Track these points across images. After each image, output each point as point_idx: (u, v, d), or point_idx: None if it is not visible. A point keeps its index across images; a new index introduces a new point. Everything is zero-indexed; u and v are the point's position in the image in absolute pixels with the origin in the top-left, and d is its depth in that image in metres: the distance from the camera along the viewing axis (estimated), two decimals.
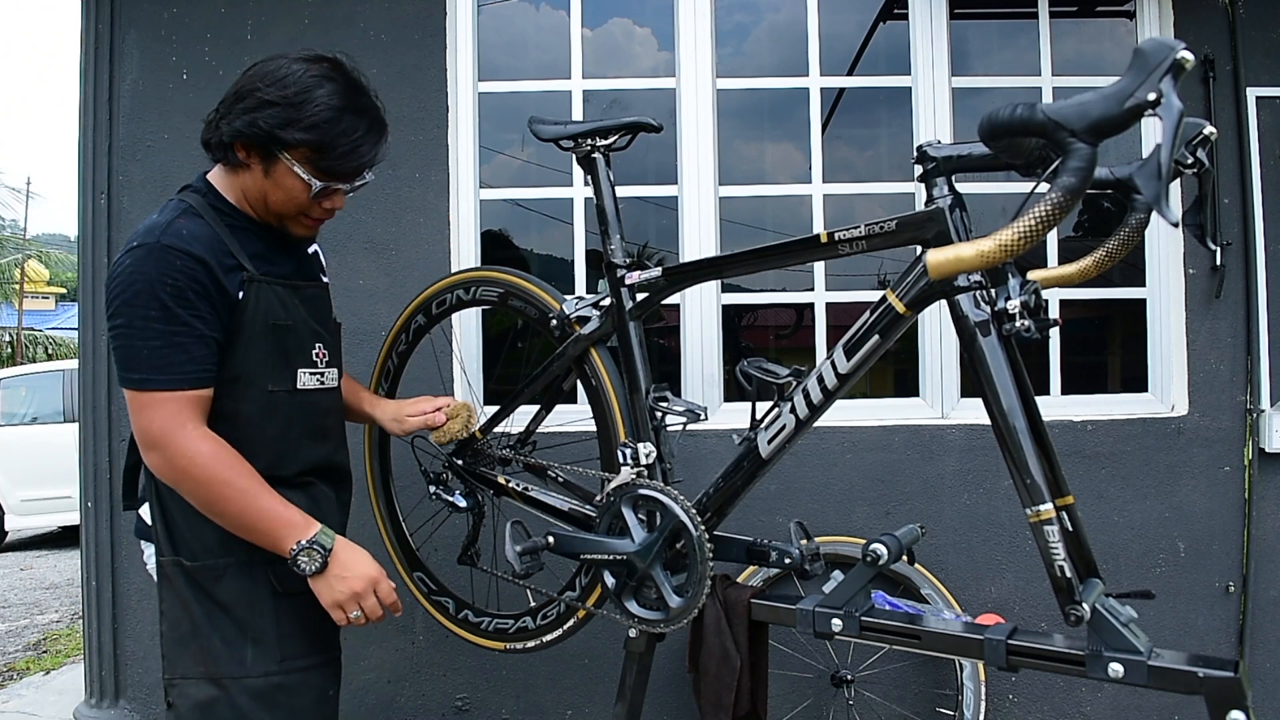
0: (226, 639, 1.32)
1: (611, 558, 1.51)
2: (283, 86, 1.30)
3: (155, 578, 1.42)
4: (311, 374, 1.44)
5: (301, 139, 1.30)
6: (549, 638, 1.75)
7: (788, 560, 1.46)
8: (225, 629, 1.32)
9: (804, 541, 1.49)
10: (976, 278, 1.25)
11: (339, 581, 1.33)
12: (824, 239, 1.38)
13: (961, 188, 1.30)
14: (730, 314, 2.66)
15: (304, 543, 1.30)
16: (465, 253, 2.51)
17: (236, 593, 1.33)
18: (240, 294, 1.33)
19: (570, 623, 1.72)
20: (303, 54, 1.35)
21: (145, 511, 1.42)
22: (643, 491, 1.51)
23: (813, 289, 2.56)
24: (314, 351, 1.45)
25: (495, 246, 2.65)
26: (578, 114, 2.55)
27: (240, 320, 1.33)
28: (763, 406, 1.48)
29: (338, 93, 1.33)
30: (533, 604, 1.80)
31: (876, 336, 1.33)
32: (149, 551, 1.46)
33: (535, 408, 1.88)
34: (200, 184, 1.39)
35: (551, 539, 1.56)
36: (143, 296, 1.25)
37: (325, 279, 1.58)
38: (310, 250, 1.55)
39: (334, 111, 1.31)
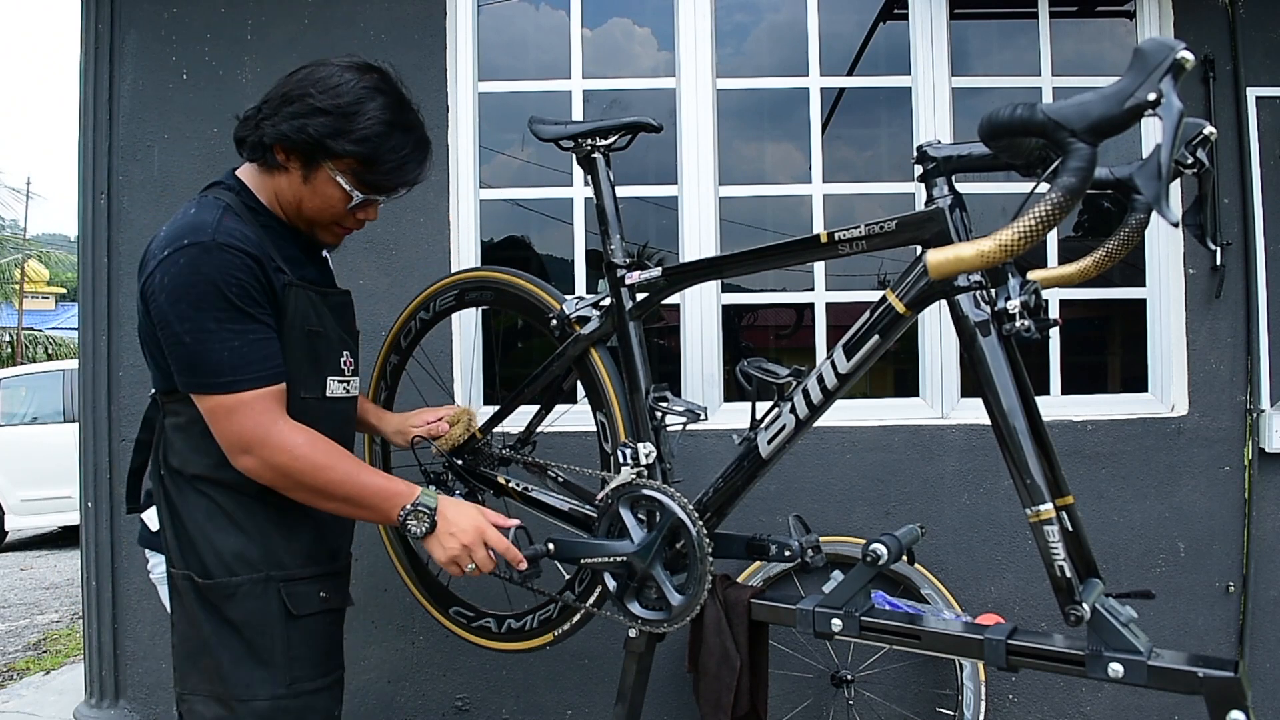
0: (235, 659, 1.29)
1: (611, 560, 1.51)
2: (336, 95, 1.28)
3: (160, 586, 1.40)
4: (339, 382, 1.43)
5: (351, 150, 1.30)
6: (567, 626, 1.74)
7: (787, 553, 1.46)
8: (234, 649, 1.29)
9: (804, 535, 1.48)
10: (976, 278, 1.25)
11: (448, 538, 1.34)
12: (824, 239, 1.38)
13: (961, 188, 1.30)
14: (730, 314, 2.66)
15: (408, 507, 1.31)
16: (465, 253, 2.51)
17: (247, 613, 1.29)
18: (281, 297, 1.31)
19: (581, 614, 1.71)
20: (353, 62, 1.34)
21: (150, 517, 1.39)
22: (642, 491, 1.51)
23: (813, 289, 2.56)
24: (342, 359, 1.44)
25: (495, 246, 2.65)
26: (578, 114, 2.55)
27: (281, 325, 1.31)
28: (763, 406, 1.48)
29: (388, 107, 1.32)
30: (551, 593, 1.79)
31: (876, 336, 1.33)
32: (154, 560, 1.42)
33: (535, 408, 1.88)
34: (232, 181, 1.36)
35: (552, 546, 1.55)
36: (209, 297, 1.21)
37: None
38: (323, 254, 1.53)
39: (385, 126, 1.31)
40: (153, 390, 1.39)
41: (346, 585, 1.46)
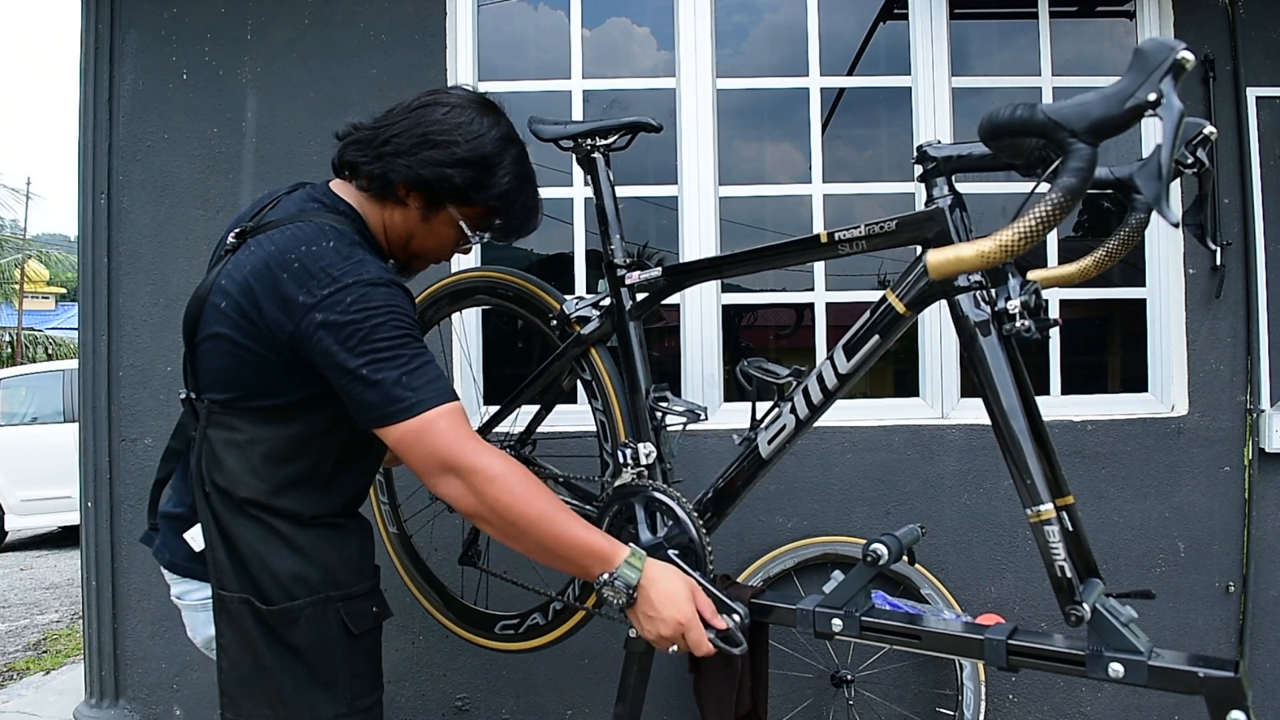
0: (297, 682, 1.25)
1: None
2: (479, 147, 1.27)
3: (189, 613, 1.34)
4: None
5: (490, 204, 1.30)
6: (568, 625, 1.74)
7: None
8: (296, 673, 1.25)
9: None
10: (976, 278, 1.25)
11: (647, 621, 1.25)
12: (824, 239, 1.37)
13: (961, 188, 1.30)
14: (730, 314, 2.66)
15: (605, 577, 1.22)
16: (470, 253, 2.50)
17: (310, 637, 1.25)
18: None
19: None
20: (476, 99, 1.32)
21: (193, 538, 1.29)
22: (643, 493, 1.51)
23: (813, 289, 2.56)
24: None
25: (495, 246, 2.65)
26: (578, 114, 2.55)
27: None
28: (763, 406, 1.48)
29: (520, 159, 1.32)
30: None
31: (876, 336, 1.33)
32: (185, 587, 1.33)
33: (535, 408, 1.88)
34: (345, 207, 1.31)
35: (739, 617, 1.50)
36: (381, 330, 1.16)
37: None
38: None
39: (519, 180, 1.32)
40: (184, 395, 1.32)
41: (384, 596, 1.42)
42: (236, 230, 1.30)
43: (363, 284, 1.17)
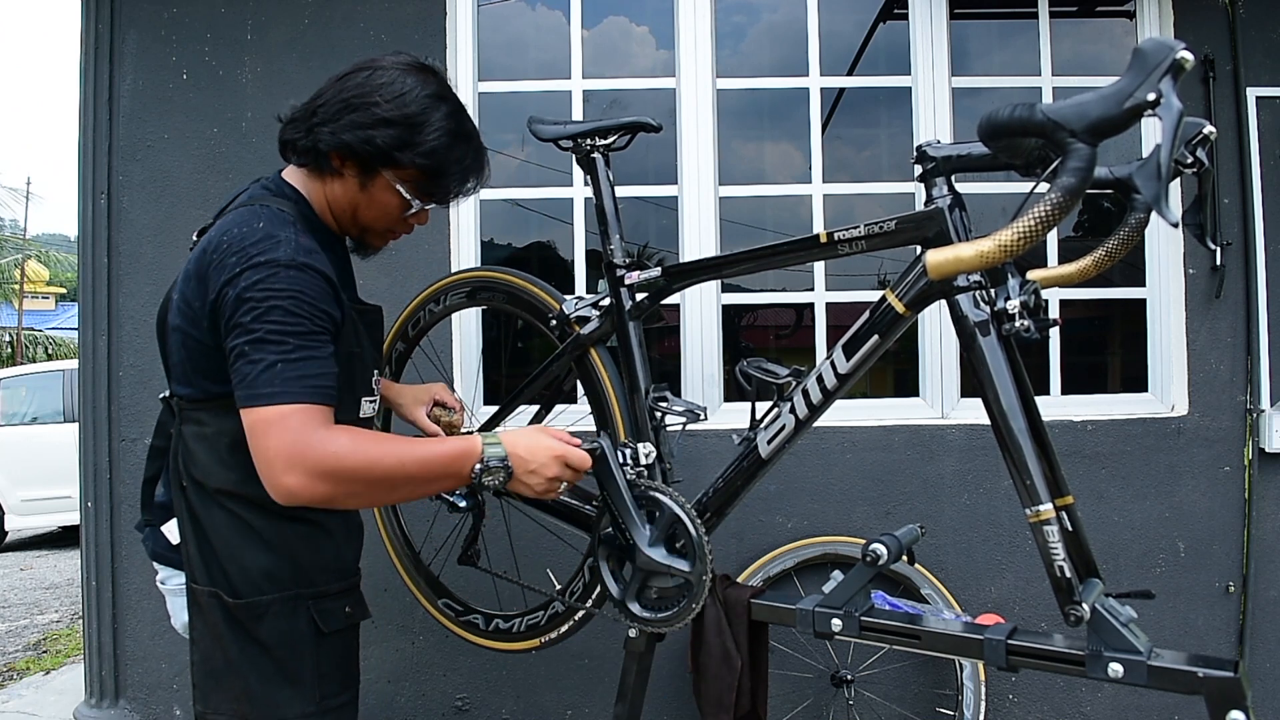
0: (264, 678, 1.24)
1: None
2: (402, 105, 1.25)
3: (172, 599, 1.36)
4: (369, 402, 1.39)
5: (418, 163, 1.27)
6: (565, 628, 1.74)
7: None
8: (263, 668, 1.24)
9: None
10: (976, 278, 1.25)
11: (530, 476, 1.29)
12: (824, 239, 1.38)
13: (961, 188, 1.30)
14: (730, 314, 2.66)
15: (479, 467, 1.24)
16: (465, 252, 2.51)
17: (278, 633, 1.25)
18: (340, 323, 1.26)
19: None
20: (409, 63, 1.30)
21: (170, 530, 1.32)
22: (643, 493, 1.51)
23: (813, 289, 2.56)
24: (373, 379, 1.41)
25: (495, 246, 2.65)
26: (577, 114, 2.55)
27: (335, 350, 1.23)
28: (762, 406, 1.48)
29: (451, 115, 1.29)
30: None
31: (876, 336, 1.33)
32: (166, 573, 1.36)
33: (535, 408, 1.88)
34: (289, 191, 1.32)
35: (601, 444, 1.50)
36: (281, 312, 1.15)
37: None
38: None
39: (450, 137, 1.28)
40: (163, 395, 1.35)
41: (363, 597, 1.42)
42: (199, 229, 1.32)
43: (271, 264, 1.16)
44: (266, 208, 1.25)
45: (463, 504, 1.88)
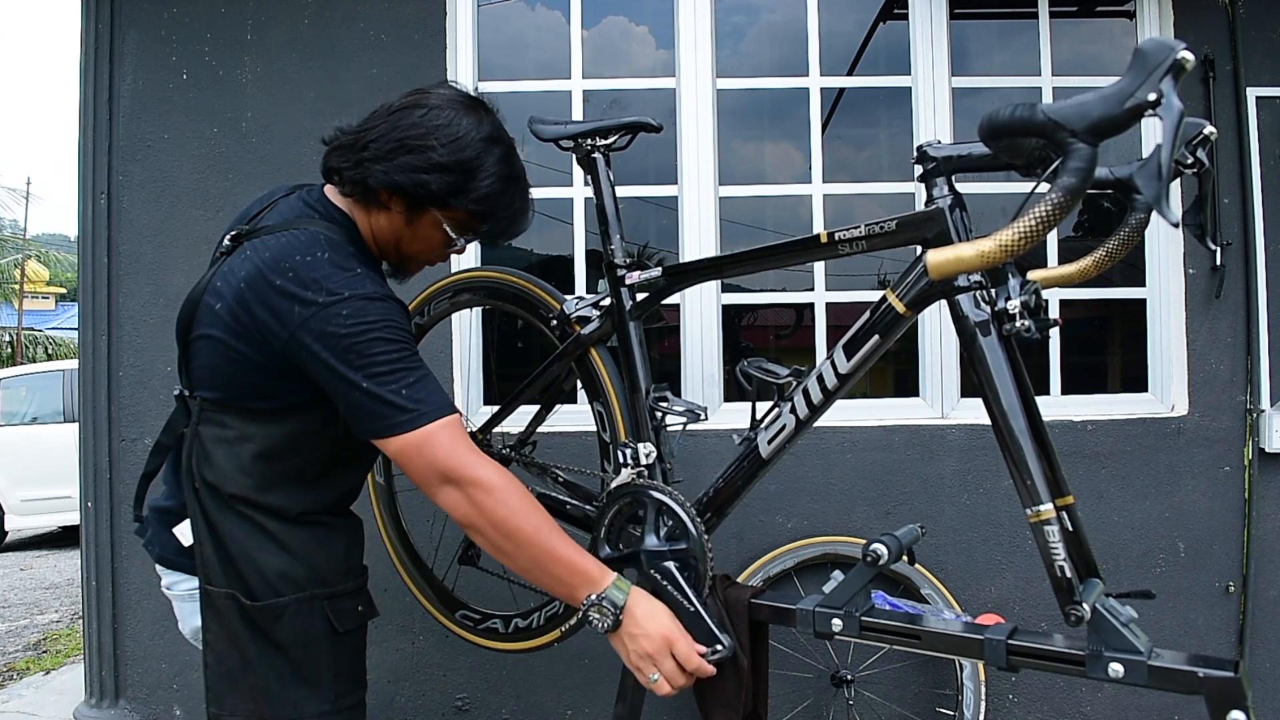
0: (281, 678, 1.25)
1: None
2: (458, 149, 1.25)
3: (179, 604, 1.36)
4: None
5: (470, 209, 1.28)
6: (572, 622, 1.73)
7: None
8: (280, 669, 1.26)
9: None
10: (976, 278, 1.25)
11: (631, 640, 1.26)
12: (824, 239, 1.37)
13: (961, 188, 1.30)
14: (730, 314, 2.66)
15: (593, 598, 1.23)
16: (465, 252, 2.51)
17: (295, 634, 1.26)
18: None
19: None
20: (462, 99, 1.31)
21: (182, 533, 1.31)
22: (643, 493, 1.51)
23: (813, 289, 2.56)
24: None
25: (495, 246, 2.65)
26: (578, 114, 2.55)
27: None
28: (763, 406, 1.48)
29: (504, 159, 1.30)
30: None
31: (876, 336, 1.32)
32: (173, 578, 1.35)
33: (535, 408, 1.88)
34: (338, 215, 1.31)
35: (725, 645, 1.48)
36: (378, 344, 1.18)
37: None
38: None
39: (502, 182, 1.29)
40: (177, 391, 1.33)
41: (371, 596, 1.43)
42: (232, 233, 1.30)
43: (358, 298, 1.18)
44: (327, 236, 1.25)
45: None
